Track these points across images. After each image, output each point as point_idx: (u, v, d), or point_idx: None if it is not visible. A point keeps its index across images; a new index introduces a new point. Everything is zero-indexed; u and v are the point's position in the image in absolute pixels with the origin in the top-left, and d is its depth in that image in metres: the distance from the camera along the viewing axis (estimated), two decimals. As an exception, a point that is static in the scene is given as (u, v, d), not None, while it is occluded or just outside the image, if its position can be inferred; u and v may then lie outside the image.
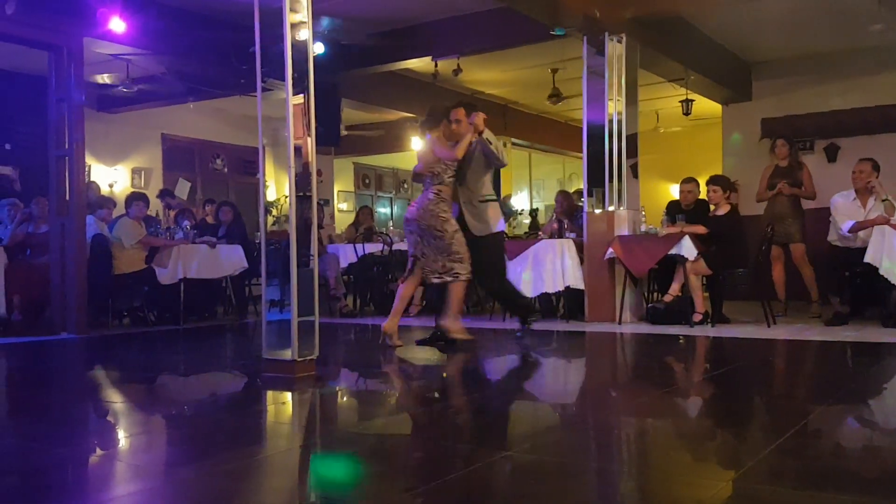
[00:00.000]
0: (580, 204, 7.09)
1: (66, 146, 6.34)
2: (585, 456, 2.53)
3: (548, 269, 6.51)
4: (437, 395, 3.68)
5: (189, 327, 6.95)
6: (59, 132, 6.37)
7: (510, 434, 2.97)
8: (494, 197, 5.26)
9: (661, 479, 2.25)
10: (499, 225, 5.23)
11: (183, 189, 10.55)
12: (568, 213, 7.20)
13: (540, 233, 7.26)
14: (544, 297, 6.91)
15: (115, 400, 3.86)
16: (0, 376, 4.79)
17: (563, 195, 7.56)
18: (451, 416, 3.25)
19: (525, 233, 10.09)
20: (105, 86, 9.12)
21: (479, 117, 5.12)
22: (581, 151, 6.87)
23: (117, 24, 6.42)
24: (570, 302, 6.68)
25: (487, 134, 5.06)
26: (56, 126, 6.38)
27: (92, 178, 9.29)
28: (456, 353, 4.91)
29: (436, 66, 8.28)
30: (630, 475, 2.32)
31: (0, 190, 7.28)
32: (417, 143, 12.02)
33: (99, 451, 2.71)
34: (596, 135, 6.65)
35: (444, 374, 4.39)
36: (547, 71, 9.36)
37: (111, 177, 10.07)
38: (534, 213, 11.81)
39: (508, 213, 9.92)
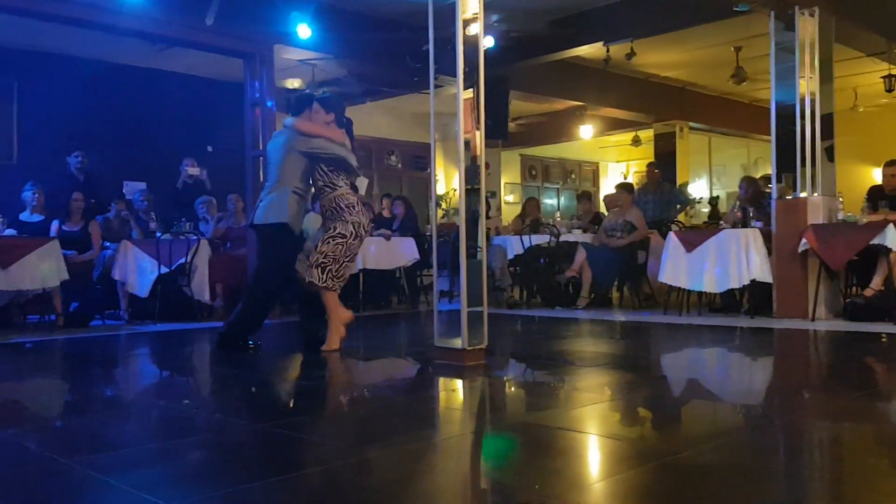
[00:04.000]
0: (767, 190, 6.62)
1: (261, 147, 6.89)
2: (772, 459, 2.35)
3: (731, 261, 6.13)
4: (609, 389, 3.59)
5: (367, 315, 7.30)
6: (254, 134, 6.94)
7: (689, 433, 2.83)
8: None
9: (857, 486, 2.04)
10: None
11: (362, 185, 11.09)
12: (753, 201, 6.75)
13: (721, 222, 6.86)
14: (727, 291, 6.52)
15: (301, 380, 4.14)
16: (204, 356, 5.30)
17: (748, 181, 7.12)
18: (624, 411, 3.15)
19: (704, 222, 9.59)
20: (293, 90, 9.79)
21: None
22: (768, 134, 6.42)
23: (304, 31, 6.87)
24: (755, 296, 6.25)
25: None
26: (251, 128, 6.96)
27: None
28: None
29: (607, 51, 8.09)
30: (822, 481, 2.13)
31: (195, 190, 7.89)
32: (587, 131, 11.89)
33: (287, 429, 2.92)
34: (785, 116, 6.17)
35: (618, 369, 4.27)
36: (729, 49, 8.84)
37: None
38: (714, 201, 11.17)
39: (685, 202, 9.48)
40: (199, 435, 2.75)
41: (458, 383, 3.69)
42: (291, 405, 3.42)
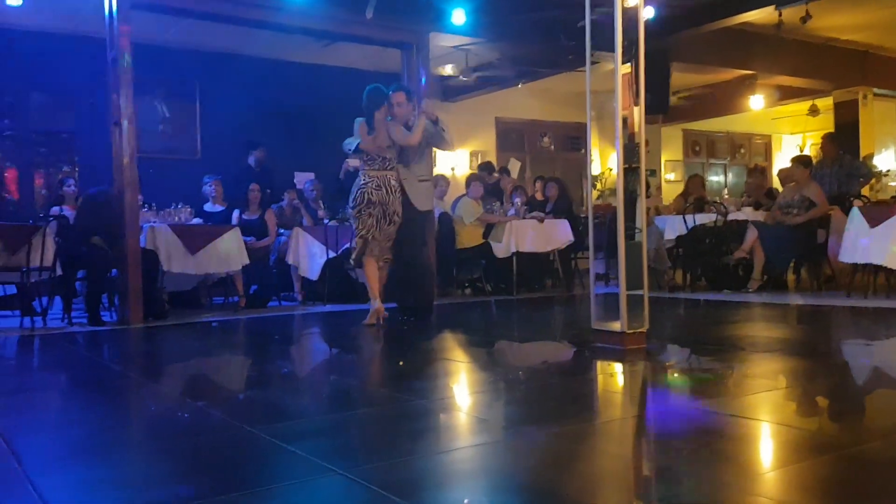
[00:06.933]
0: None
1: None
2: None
3: (923, 238, 5.54)
4: (784, 377, 3.37)
5: (521, 298, 7.32)
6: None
7: (874, 425, 2.60)
8: (429, 178, 5.77)
9: None
10: (431, 205, 5.77)
11: (514, 168, 11.11)
12: (951, 172, 6.04)
13: (912, 196, 6.20)
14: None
15: (461, 360, 4.24)
16: (369, 335, 5.55)
17: (943, 151, 6.37)
18: (801, 399, 2.95)
19: (893, 197, 8.73)
20: (447, 76, 9.95)
21: (431, 105, 5.85)
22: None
23: (459, 17, 6.95)
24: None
25: (442, 123, 5.51)
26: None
27: (435, 164, 10.22)
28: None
29: (780, 15, 7.52)
30: None
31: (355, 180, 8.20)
32: (758, 102, 11.13)
33: (449, 405, 3.00)
34: None
35: (794, 355, 4.00)
36: (920, 6, 7.95)
37: (453, 161, 10.99)
38: (903, 173, 10.15)
39: (869, 175, 8.67)
40: (366, 408, 2.90)
41: (618, 367, 3.62)
42: (451, 383, 3.51)
